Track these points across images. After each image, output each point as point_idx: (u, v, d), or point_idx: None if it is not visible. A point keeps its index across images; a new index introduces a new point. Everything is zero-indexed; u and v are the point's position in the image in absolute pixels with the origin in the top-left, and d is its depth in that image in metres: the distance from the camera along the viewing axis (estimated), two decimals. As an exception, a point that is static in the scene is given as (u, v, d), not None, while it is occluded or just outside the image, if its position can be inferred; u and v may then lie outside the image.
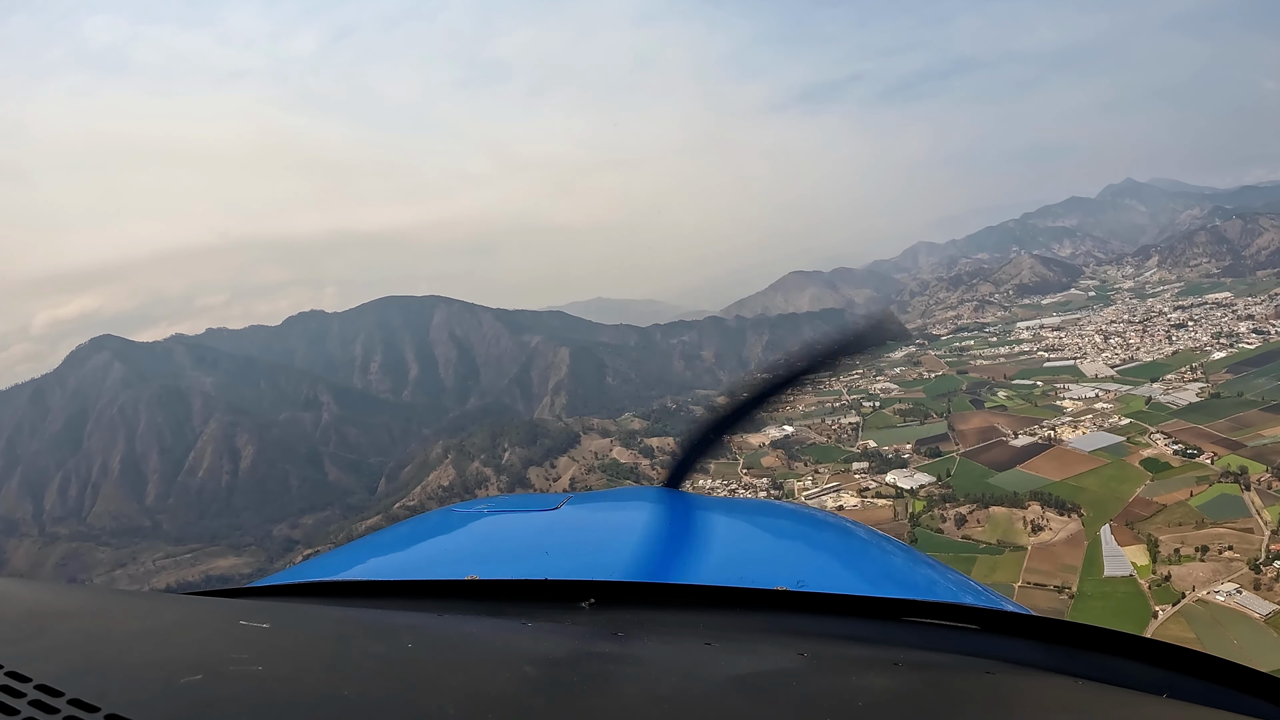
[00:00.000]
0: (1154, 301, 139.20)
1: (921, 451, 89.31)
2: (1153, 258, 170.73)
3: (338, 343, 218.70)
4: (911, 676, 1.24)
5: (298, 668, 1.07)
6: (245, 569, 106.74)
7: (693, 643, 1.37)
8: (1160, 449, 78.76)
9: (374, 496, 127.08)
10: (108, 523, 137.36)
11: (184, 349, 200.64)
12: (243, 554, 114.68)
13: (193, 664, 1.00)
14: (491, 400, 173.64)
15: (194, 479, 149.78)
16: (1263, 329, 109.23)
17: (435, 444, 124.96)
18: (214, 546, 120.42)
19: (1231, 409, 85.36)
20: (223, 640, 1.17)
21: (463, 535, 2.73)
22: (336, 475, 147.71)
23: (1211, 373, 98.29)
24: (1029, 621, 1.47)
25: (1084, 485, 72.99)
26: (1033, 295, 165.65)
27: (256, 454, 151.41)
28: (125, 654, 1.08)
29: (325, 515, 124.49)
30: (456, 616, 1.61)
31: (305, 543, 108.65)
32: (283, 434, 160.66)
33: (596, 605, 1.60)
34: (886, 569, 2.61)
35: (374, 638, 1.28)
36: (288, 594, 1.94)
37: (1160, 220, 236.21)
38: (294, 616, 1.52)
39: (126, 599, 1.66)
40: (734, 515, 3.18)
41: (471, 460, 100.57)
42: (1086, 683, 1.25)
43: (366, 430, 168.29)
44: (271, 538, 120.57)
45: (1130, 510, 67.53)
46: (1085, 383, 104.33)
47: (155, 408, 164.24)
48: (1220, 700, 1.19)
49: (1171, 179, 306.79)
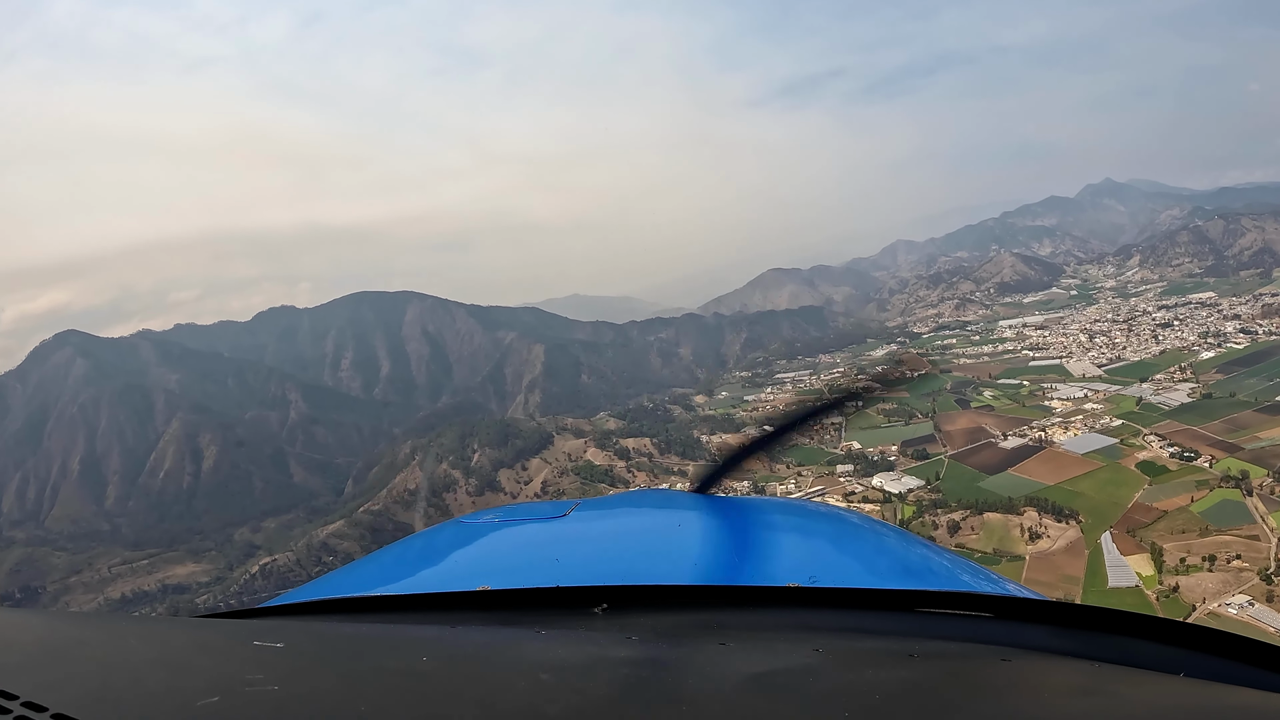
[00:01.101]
0: (1137, 301, 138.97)
1: (908, 453, 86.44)
2: (1134, 257, 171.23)
3: (308, 339, 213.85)
4: (928, 667, 1.25)
5: (314, 686, 1.07)
6: (203, 576, 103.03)
7: (707, 643, 1.38)
8: (1155, 451, 76.39)
9: (340, 498, 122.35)
10: (66, 526, 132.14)
11: (150, 345, 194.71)
12: (201, 560, 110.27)
13: (209, 687, 1.00)
14: (463, 398, 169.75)
15: (155, 480, 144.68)
16: (1250, 328, 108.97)
17: (404, 444, 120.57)
18: (172, 552, 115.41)
19: (1225, 410, 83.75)
20: (237, 662, 1.18)
21: (472, 546, 2.73)
22: (302, 476, 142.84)
23: (1201, 372, 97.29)
24: (1043, 607, 1.49)
25: (1080, 489, 70.20)
26: (1014, 293, 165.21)
27: (219, 454, 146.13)
28: (141, 680, 1.08)
29: (289, 518, 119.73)
30: (470, 628, 1.62)
31: (266, 548, 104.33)
32: (247, 433, 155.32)
33: (609, 610, 1.61)
34: (898, 560, 2.62)
35: (388, 653, 1.29)
36: (300, 612, 1.96)
37: (1140, 220, 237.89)
38: (307, 635, 1.52)
39: (140, 624, 1.66)
40: (742, 514, 3.04)
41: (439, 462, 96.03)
42: (1103, 665, 1.26)
43: (335, 429, 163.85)
44: (232, 542, 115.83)
45: (1130, 516, 64.73)
46: (1073, 382, 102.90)
47: (117, 406, 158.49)
48: (1236, 676, 1.20)
49: (1150, 180, 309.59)
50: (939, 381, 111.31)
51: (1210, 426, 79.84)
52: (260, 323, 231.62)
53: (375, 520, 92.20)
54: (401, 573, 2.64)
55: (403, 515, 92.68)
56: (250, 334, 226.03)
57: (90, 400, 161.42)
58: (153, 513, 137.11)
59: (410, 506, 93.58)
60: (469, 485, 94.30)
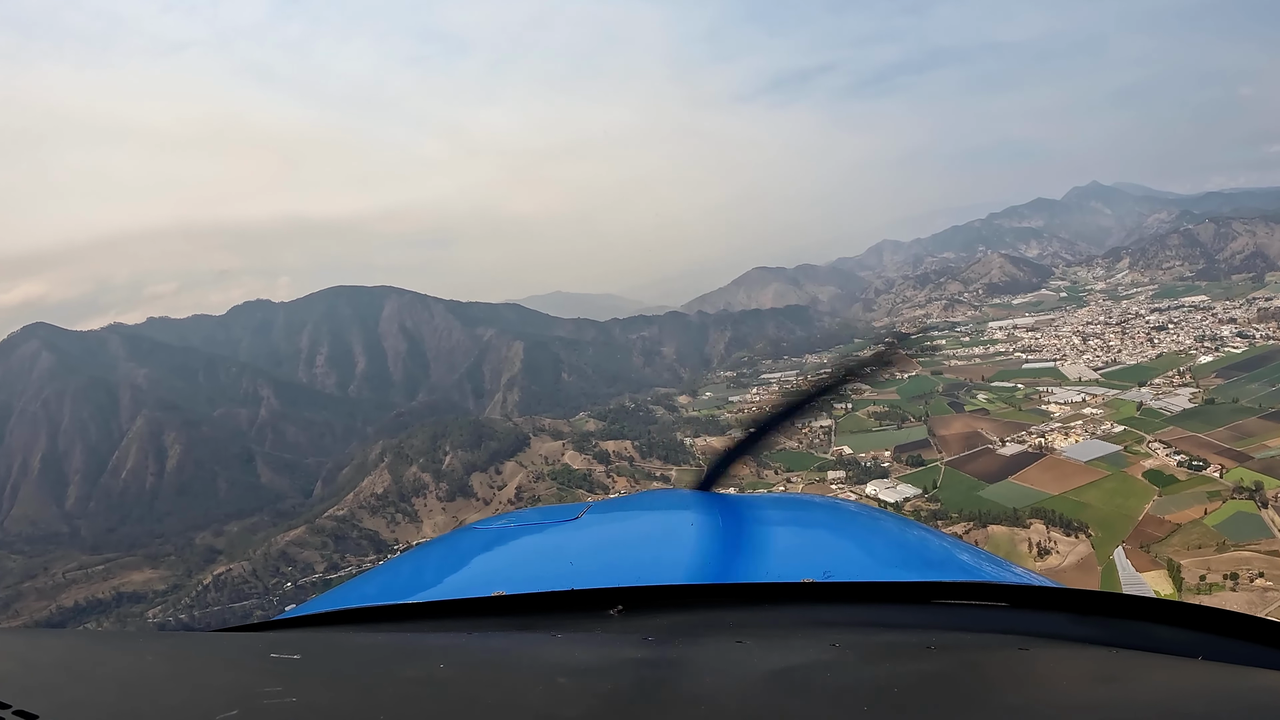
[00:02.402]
0: (1129, 303, 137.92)
1: (902, 459, 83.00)
2: (1124, 259, 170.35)
3: (283, 334, 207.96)
4: (945, 659, 1.25)
5: (332, 697, 1.08)
6: (160, 584, 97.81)
7: (724, 642, 1.38)
8: (1162, 459, 73.35)
9: (308, 500, 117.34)
10: (24, 528, 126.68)
11: (120, 339, 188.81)
12: (159, 565, 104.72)
13: (227, 702, 1.01)
14: (440, 396, 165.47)
15: (117, 480, 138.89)
16: (1247, 332, 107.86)
17: (375, 444, 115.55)
18: (130, 556, 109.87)
19: (1229, 416, 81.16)
20: (255, 675, 1.18)
21: (486, 552, 2.73)
22: (270, 477, 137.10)
23: (1200, 377, 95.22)
24: (1059, 594, 1.49)
25: (1086, 500, 66.72)
26: (1003, 295, 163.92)
27: (183, 453, 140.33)
28: (160, 696, 1.09)
29: (254, 521, 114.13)
30: (486, 634, 1.62)
31: (228, 553, 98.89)
32: (214, 431, 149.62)
33: (625, 612, 1.62)
34: (911, 552, 2.58)
35: (405, 661, 1.29)
36: (315, 624, 1.97)
37: (1127, 223, 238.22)
38: (323, 646, 1.54)
39: (158, 640, 1.67)
40: (753, 510, 3.03)
41: (409, 464, 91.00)
42: (1120, 651, 1.26)
43: (307, 428, 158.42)
44: (193, 546, 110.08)
45: (1142, 530, 61.32)
46: (1068, 385, 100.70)
47: (82, 401, 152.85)
48: (1255, 658, 1.20)
49: (1135, 183, 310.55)
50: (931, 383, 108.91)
51: (1216, 434, 77.05)
52: (235, 316, 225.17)
53: (339, 527, 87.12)
54: (416, 580, 2.66)
55: (369, 521, 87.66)
56: (224, 328, 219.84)
57: (54, 395, 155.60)
58: (114, 514, 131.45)
59: (377, 512, 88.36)
60: (439, 490, 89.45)
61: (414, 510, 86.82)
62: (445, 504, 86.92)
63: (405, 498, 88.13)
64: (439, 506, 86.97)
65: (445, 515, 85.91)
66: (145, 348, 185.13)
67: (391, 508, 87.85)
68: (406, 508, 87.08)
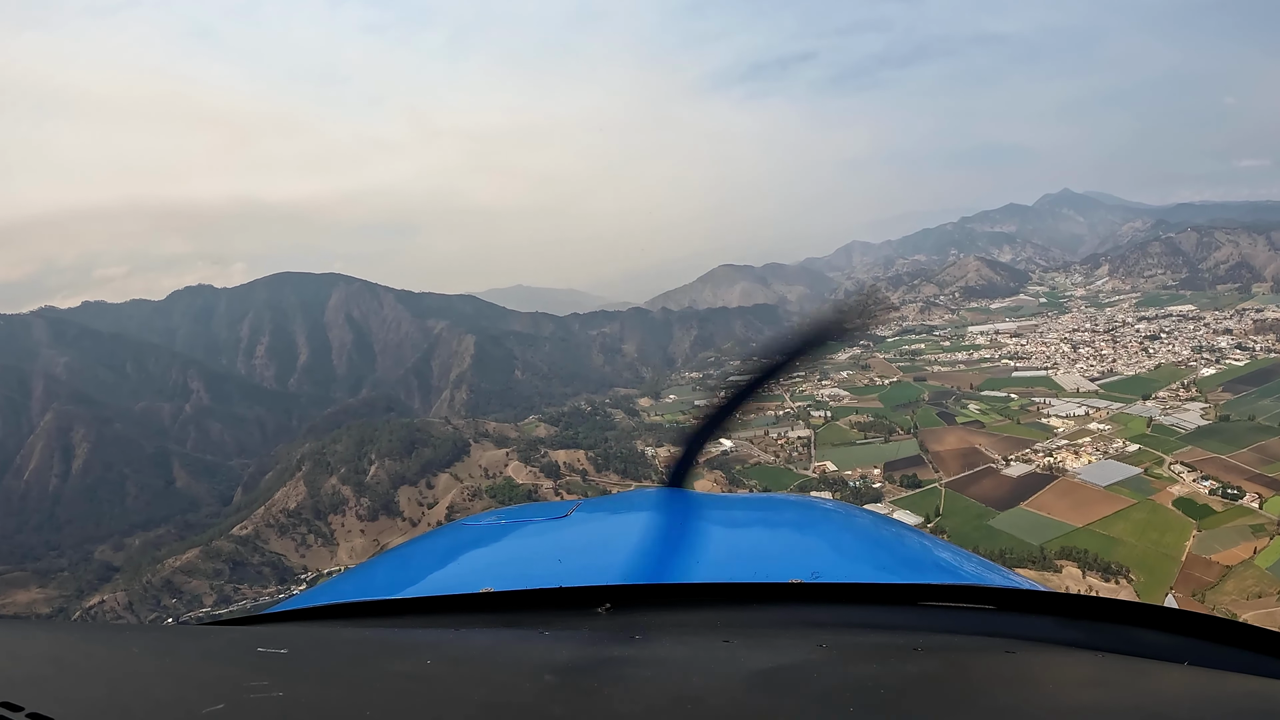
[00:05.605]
0: (1113, 311, 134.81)
1: (895, 479, 73.36)
2: (1103, 266, 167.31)
3: (224, 322, 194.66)
4: (932, 661, 1.25)
5: (319, 691, 1.08)
6: (44, 606, 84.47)
7: (711, 641, 1.38)
8: (1190, 485, 65.24)
9: (225, 509, 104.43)
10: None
11: (45, 324, 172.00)
12: (48, 584, 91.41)
13: (214, 695, 1.01)
14: (383, 392, 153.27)
15: (19, 482, 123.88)
16: (1245, 344, 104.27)
17: (301, 446, 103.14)
18: (20, 571, 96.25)
19: (1249, 436, 74.10)
20: (242, 669, 1.17)
21: (475, 548, 2.76)
22: (186, 481, 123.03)
23: (1206, 390, 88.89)
24: (1046, 598, 1.50)
25: (1115, 534, 57.99)
26: (980, 298, 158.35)
27: (91, 452, 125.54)
28: (147, 689, 1.09)
29: (160, 533, 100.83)
30: (474, 630, 1.63)
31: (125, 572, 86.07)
32: (129, 428, 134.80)
33: (613, 609, 1.62)
34: (900, 554, 2.62)
35: (393, 657, 1.29)
36: (303, 618, 1.97)
37: (1099, 231, 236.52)
38: (311, 640, 1.53)
39: (144, 634, 1.69)
40: (744, 510, 3.19)
41: (330, 474, 78.81)
42: (1107, 655, 1.26)
43: (234, 425, 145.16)
44: (90, 562, 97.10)
45: (1189, 573, 52.47)
46: (1065, 397, 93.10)
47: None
48: (1241, 663, 1.20)
49: (1106, 192, 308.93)
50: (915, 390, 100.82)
51: (1240, 455, 69.60)
52: (175, 302, 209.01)
53: (238, 550, 74.49)
54: (404, 576, 2.66)
55: (276, 542, 75.24)
56: (163, 315, 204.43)
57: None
58: (11, 520, 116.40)
59: (286, 532, 75.84)
60: (360, 507, 77.33)
61: (329, 531, 74.83)
62: (366, 524, 75.00)
63: (321, 515, 76.03)
64: (358, 527, 75.22)
65: (365, 539, 73.78)
66: (72, 334, 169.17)
67: (304, 526, 75.58)
68: (321, 527, 74.98)
